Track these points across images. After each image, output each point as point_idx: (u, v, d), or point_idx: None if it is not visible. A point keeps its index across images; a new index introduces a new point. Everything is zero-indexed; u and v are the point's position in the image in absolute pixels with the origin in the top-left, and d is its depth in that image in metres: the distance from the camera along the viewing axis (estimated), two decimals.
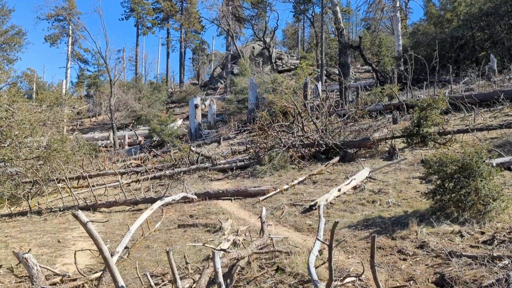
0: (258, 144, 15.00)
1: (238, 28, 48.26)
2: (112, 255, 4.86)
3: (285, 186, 10.77)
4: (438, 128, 12.85)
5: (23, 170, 13.81)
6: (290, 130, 14.95)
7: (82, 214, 3.29)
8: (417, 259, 5.35)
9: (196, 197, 10.65)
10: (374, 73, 29.16)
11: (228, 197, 10.84)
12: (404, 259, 5.41)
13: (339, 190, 9.21)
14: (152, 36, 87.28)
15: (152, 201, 10.56)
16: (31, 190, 14.08)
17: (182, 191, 10.57)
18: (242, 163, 14.52)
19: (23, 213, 11.44)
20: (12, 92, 14.21)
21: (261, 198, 10.12)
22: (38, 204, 11.91)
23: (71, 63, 40.30)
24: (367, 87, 27.78)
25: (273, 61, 46.37)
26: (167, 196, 9.21)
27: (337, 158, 12.76)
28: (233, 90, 34.20)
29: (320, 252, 5.75)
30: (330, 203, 8.82)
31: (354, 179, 9.75)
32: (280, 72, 43.26)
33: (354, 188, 9.63)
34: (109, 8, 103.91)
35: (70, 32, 38.60)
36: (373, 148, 13.00)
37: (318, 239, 3.94)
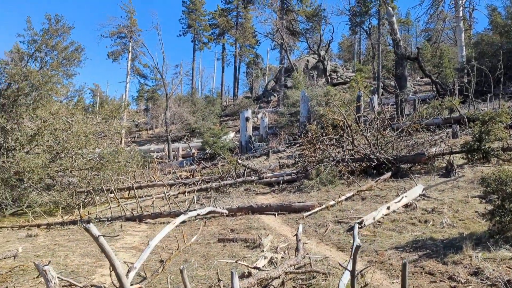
0: (307, 158, 14.60)
1: (292, 41, 48.20)
2: (129, 271, 4.72)
3: (332, 202, 10.29)
4: (501, 144, 11.76)
5: (78, 180, 14.34)
6: (340, 144, 14.41)
7: (94, 228, 3.15)
8: (470, 287, 4.74)
9: (226, 211, 10.39)
10: (433, 86, 27.71)
11: (272, 212, 10.54)
12: (455, 287, 4.82)
13: (388, 208, 8.61)
14: (208, 51, 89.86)
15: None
16: (85, 200, 14.58)
17: (210, 205, 10.35)
18: (289, 177, 14.16)
19: (74, 222, 11.81)
20: (70, 105, 14.87)
21: (305, 214, 9.73)
22: (88, 214, 12.27)
23: (131, 78, 42.20)
24: (427, 100, 26.44)
25: (328, 74, 45.70)
26: (191, 210, 9.01)
27: (389, 174, 12.05)
28: (286, 103, 33.99)
29: (362, 275, 5.28)
30: (378, 221, 8.25)
31: (406, 196, 9.08)
32: (334, 85, 42.54)
33: (406, 206, 8.97)
34: (167, 25, 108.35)
35: (130, 48, 40.55)
36: (428, 164, 12.16)
37: (341, 265, 3.52)
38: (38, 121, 13.94)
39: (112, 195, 14.13)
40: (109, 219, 11.63)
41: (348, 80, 44.12)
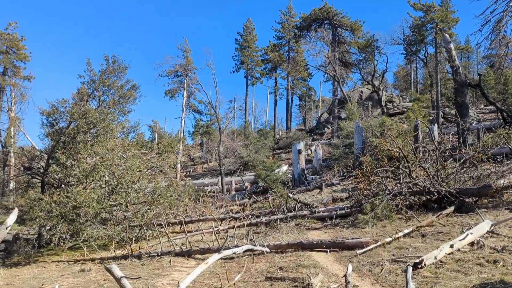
0: (361, 191, 13.92)
1: (345, 73, 47.77)
2: None
3: (388, 239, 9.56)
4: None
5: (131, 215, 14.59)
6: (396, 176, 13.61)
7: (116, 269, 2.96)
8: None
9: (267, 249, 9.89)
10: (499, 113, 25.96)
11: (323, 249, 9.97)
12: None
13: (451, 246, 7.79)
14: (261, 86, 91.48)
15: (250, 250, 10.23)
16: (138, 234, 14.75)
17: (248, 243, 9.90)
18: (343, 211, 13.52)
19: (125, 257, 11.89)
20: (126, 141, 15.36)
21: (359, 251, 9.07)
22: (139, 249, 12.32)
23: (186, 113, 43.57)
24: (492, 128, 24.75)
25: (383, 104, 44.52)
26: (226, 248, 8.61)
27: (452, 208, 11.10)
28: (340, 135, 33.30)
29: None
30: (440, 261, 7.46)
31: (471, 233, 8.21)
32: (390, 115, 41.31)
33: (471, 244, 8.08)
34: (221, 62, 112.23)
35: (186, 85, 42.06)
36: (496, 197, 11.08)
37: None
38: (95, 157, 14.49)
39: (163, 229, 14.19)
40: (159, 254, 11.59)
41: (405, 110, 42.68)
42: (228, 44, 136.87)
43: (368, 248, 9.16)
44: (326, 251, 9.81)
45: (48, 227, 14.30)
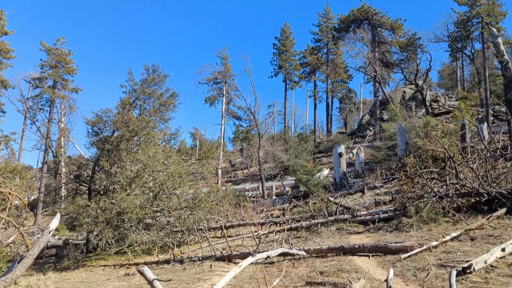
0: (405, 194, 13.44)
1: (386, 73, 46.62)
2: None
3: (434, 243, 9.16)
4: None
5: (173, 220, 14.84)
6: (442, 178, 13.04)
7: (148, 271, 2.97)
8: None
9: (304, 253, 9.67)
10: None
11: (366, 253, 9.68)
12: None
13: (503, 250, 7.34)
14: (299, 89, 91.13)
15: (284, 255, 10.13)
16: (180, 239, 14.97)
17: (282, 246, 9.70)
18: (386, 214, 13.11)
19: (167, 261, 12.08)
20: (167, 148, 15.68)
21: (403, 256, 8.74)
22: (181, 253, 12.48)
23: (226, 120, 44.02)
24: None
25: (428, 104, 42.96)
26: (260, 252, 8.46)
27: (503, 210, 10.48)
28: (382, 137, 32.46)
29: None
30: (491, 265, 7.04)
31: None
32: (436, 115, 39.83)
33: None
34: (259, 68, 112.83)
35: (225, 92, 42.56)
36: None
37: None
38: (138, 164, 14.87)
39: (204, 234, 14.32)
40: (200, 258, 11.69)
41: (451, 109, 41.04)
42: (266, 49, 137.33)
43: (412, 252, 8.81)
44: (369, 256, 9.53)
45: (95, 233, 14.81)
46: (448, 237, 9.36)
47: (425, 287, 6.86)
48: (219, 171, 36.03)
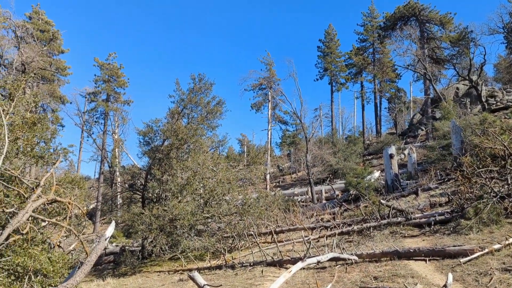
0: (462, 195, 12.80)
1: (436, 70, 44.81)
2: None
3: (497, 246, 8.65)
4: None
5: (224, 226, 15.02)
6: (503, 177, 12.29)
7: (199, 277, 3.02)
8: None
9: (356, 258, 9.39)
10: None
11: (422, 257, 9.31)
12: None
13: None
14: (346, 91, 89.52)
15: (336, 260, 9.96)
16: (231, 245, 15.12)
17: (332, 251, 9.47)
18: (442, 217, 12.54)
19: (219, 267, 12.23)
20: (215, 155, 15.93)
21: (463, 260, 8.33)
22: (233, 259, 12.60)
23: (272, 125, 44.09)
24: None
25: (484, 100, 40.83)
26: (311, 256, 8.30)
27: None
28: (435, 136, 31.16)
29: None
30: None
31: None
32: (493, 111, 37.72)
33: None
34: (303, 71, 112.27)
35: (270, 97, 42.68)
36: None
37: None
38: (188, 171, 15.22)
39: (254, 240, 14.37)
40: (251, 264, 11.74)
41: (510, 104, 38.77)
42: (310, 52, 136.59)
43: (473, 256, 8.37)
44: (425, 260, 9.16)
45: (149, 239, 15.29)
46: None
47: None
48: (267, 177, 36.09)
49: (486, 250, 8.47)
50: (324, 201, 26.96)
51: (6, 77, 21.97)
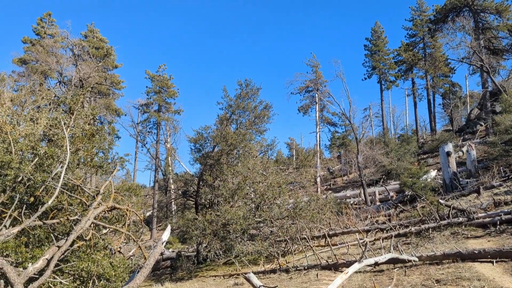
0: None
1: (494, 61, 42.34)
2: None
3: None
4: None
5: (276, 230, 14.98)
6: None
7: (254, 277, 2.99)
8: None
9: (416, 259, 8.97)
10: None
11: (488, 259, 8.76)
12: None
13: None
14: (396, 89, 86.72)
15: (394, 261, 9.61)
16: (284, 249, 15.04)
17: (390, 251, 9.07)
18: (509, 216, 11.76)
19: (273, 271, 12.19)
20: (264, 159, 15.96)
21: None
22: (287, 262, 12.51)
23: (321, 127, 43.60)
24: None
25: None
26: (367, 258, 8.00)
27: None
28: (496, 131, 29.38)
29: None
30: None
31: None
32: None
33: None
34: (351, 71, 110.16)
35: (317, 99, 42.24)
36: None
37: None
38: (238, 176, 15.35)
39: (307, 243, 14.21)
40: (306, 267, 11.60)
41: None
42: (356, 52, 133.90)
43: None
44: (492, 262, 8.61)
45: (204, 245, 15.55)
46: None
47: None
48: (318, 179, 35.64)
49: None
50: (378, 203, 26.21)
51: (66, 93, 23.34)
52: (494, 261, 8.58)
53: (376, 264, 9.02)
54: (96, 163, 10.09)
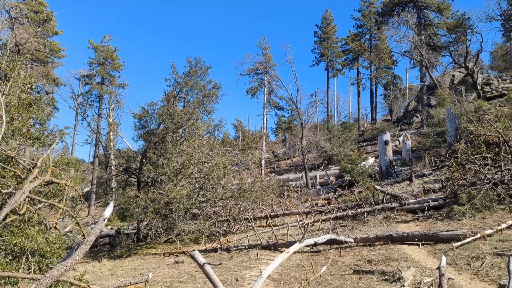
0: (456, 181, 12.93)
1: (433, 57, 44.67)
2: None
3: (489, 231, 8.79)
4: None
5: (219, 210, 15.10)
6: (496, 163, 12.40)
7: (199, 255, 3.04)
8: None
9: (352, 240, 9.56)
10: None
11: (415, 242, 9.44)
12: None
13: None
14: (342, 77, 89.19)
15: (331, 242, 10.08)
16: (226, 228, 15.23)
17: (328, 233, 9.60)
18: (436, 203, 12.69)
19: (215, 250, 12.35)
20: (211, 139, 15.91)
21: (456, 244, 8.46)
22: (228, 242, 12.70)
23: (268, 110, 44.02)
24: None
25: (479, 87, 40.88)
26: (307, 238, 8.43)
27: None
28: (430, 123, 31.27)
29: None
30: None
31: None
32: (488, 99, 37.81)
33: None
34: (300, 57, 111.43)
35: (266, 83, 42.48)
36: None
37: None
38: (183, 155, 15.22)
39: (249, 224, 14.49)
40: (246, 247, 11.86)
41: (505, 92, 38.84)
42: (306, 38, 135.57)
43: (465, 240, 8.50)
44: (418, 244, 9.29)
45: (145, 223, 15.35)
46: (504, 225, 8.96)
47: (480, 276, 6.62)
48: (263, 162, 36.13)
49: (479, 235, 8.60)
50: (318, 187, 27.10)
51: (1, 57, 21.67)
52: (420, 244, 9.25)
53: (315, 244, 9.41)
54: (33, 135, 9.58)
